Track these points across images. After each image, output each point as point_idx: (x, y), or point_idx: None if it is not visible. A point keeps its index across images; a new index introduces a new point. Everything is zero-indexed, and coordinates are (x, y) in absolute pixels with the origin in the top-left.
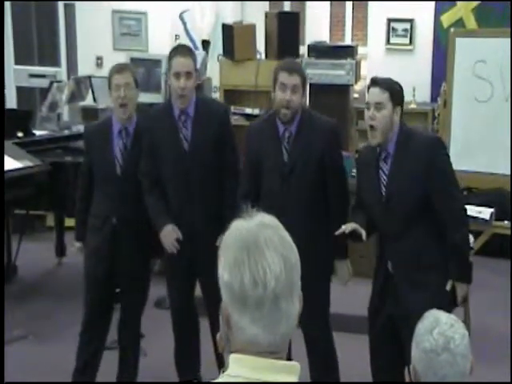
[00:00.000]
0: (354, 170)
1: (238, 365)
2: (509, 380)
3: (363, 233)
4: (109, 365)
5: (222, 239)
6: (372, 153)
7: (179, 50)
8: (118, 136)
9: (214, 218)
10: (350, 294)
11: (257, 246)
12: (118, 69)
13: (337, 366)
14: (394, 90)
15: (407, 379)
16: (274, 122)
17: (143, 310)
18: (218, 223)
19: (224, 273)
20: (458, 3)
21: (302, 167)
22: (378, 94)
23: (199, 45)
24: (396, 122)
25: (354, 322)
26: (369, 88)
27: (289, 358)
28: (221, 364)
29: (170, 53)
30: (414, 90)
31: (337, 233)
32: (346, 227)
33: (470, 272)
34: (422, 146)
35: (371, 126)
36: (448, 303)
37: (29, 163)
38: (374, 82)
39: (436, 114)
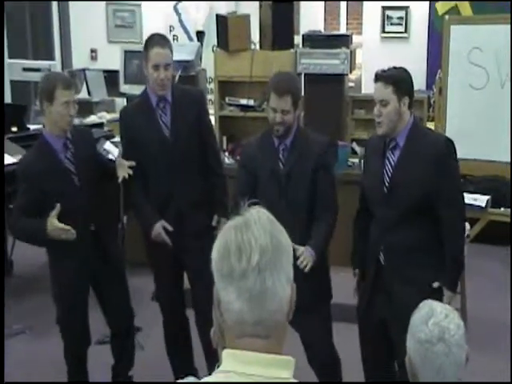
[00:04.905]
0: (351, 160)
1: (230, 360)
2: (509, 368)
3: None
4: (104, 359)
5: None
6: (380, 141)
7: (156, 41)
8: (63, 150)
9: (198, 203)
10: (349, 284)
11: (245, 223)
12: (68, 85)
13: (339, 372)
14: (397, 81)
15: (407, 368)
16: (269, 136)
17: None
18: (204, 208)
19: (214, 253)
20: None
21: (297, 176)
22: (381, 90)
23: (194, 36)
24: (404, 111)
25: (354, 312)
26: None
27: None
28: (208, 356)
29: (147, 42)
30: None
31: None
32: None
33: (457, 283)
34: (434, 145)
35: (378, 122)
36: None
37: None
38: (377, 77)
39: (432, 102)
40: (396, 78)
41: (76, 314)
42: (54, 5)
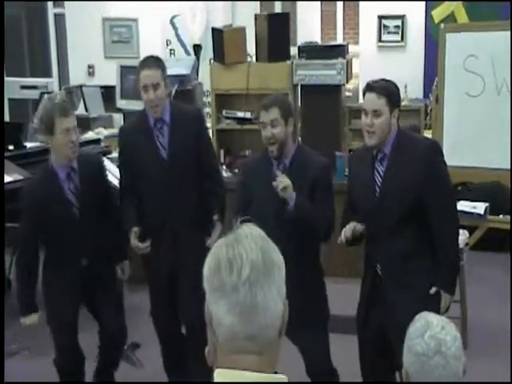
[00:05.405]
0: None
1: (222, 379)
2: (509, 375)
3: (360, 227)
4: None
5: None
6: (367, 153)
7: (145, 63)
8: (66, 180)
9: (196, 223)
10: (347, 295)
11: (236, 239)
12: (65, 112)
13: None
14: (391, 94)
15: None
16: (268, 156)
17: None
18: (200, 228)
19: (205, 269)
20: None
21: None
22: (374, 101)
23: (191, 49)
24: (394, 123)
25: (350, 323)
26: (364, 93)
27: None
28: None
29: (138, 66)
30: (405, 86)
31: (338, 241)
32: (345, 232)
33: (455, 284)
34: (420, 149)
35: (368, 132)
36: (437, 306)
37: (19, 176)
38: (370, 87)
39: (429, 110)
40: (389, 91)
41: (65, 333)
42: (51, 21)
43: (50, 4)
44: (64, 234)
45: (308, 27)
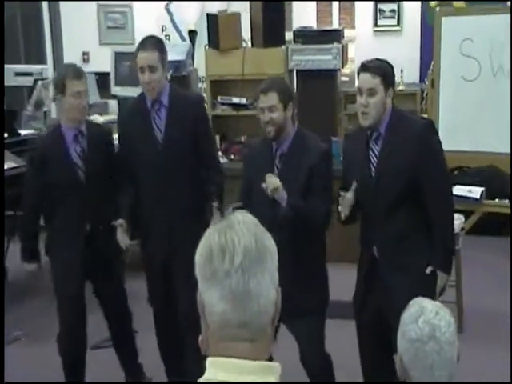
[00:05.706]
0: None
1: (214, 368)
2: (509, 361)
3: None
4: (102, 364)
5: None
6: (362, 134)
7: (143, 44)
8: (73, 142)
9: (190, 209)
10: (344, 281)
11: (228, 225)
12: (78, 75)
13: (332, 375)
14: (385, 73)
15: (397, 368)
16: (269, 141)
17: (127, 302)
18: (196, 215)
19: (197, 257)
20: None
21: (289, 186)
22: (369, 80)
23: (186, 35)
24: (388, 103)
25: (347, 309)
26: (359, 73)
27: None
28: (191, 362)
29: (137, 47)
30: (401, 71)
31: (342, 215)
32: (343, 209)
33: (451, 263)
34: (415, 128)
35: (363, 112)
36: (434, 288)
37: (13, 164)
38: (365, 67)
39: (424, 95)
40: (384, 70)
41: (70, 305)
42: (45, 8)
43: None
44: (69, 196)
45: (304, 13)
